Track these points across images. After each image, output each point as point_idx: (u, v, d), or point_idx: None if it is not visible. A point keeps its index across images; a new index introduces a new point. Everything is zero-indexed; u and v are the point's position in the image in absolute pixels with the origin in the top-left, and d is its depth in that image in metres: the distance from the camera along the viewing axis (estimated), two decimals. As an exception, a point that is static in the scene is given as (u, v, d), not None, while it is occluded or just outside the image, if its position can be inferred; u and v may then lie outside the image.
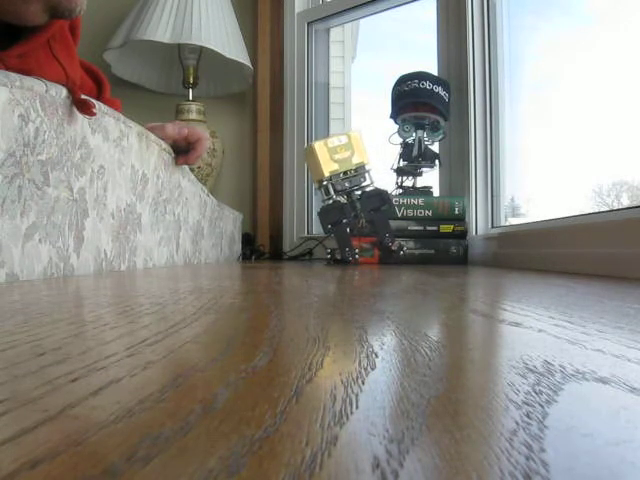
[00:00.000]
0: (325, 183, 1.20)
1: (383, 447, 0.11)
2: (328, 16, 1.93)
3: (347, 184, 1.21)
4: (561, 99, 1.41)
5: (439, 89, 1.41)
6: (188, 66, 1.90)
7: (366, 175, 1.22)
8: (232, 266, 1.26)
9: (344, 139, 1.21)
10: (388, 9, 1.82)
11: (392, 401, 0.15)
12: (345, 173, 1.20)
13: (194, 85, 1.91)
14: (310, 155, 1.22)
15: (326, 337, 0.25)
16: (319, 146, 1.20)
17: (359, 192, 1.23)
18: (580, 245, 0.91)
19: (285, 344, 0.23)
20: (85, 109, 0.70)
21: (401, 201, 1.41)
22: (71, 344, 0.23)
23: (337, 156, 1.20)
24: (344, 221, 1.21)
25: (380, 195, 1.23)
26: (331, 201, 1.22)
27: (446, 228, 1.40)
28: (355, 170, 1.21)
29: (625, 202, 1.27)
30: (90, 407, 0.14)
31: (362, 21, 2.05)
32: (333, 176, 1.20)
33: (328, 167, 1.20)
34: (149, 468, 0.10)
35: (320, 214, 1.24)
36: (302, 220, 1.93)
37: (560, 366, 0.19)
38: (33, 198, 0.62)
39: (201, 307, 0.36)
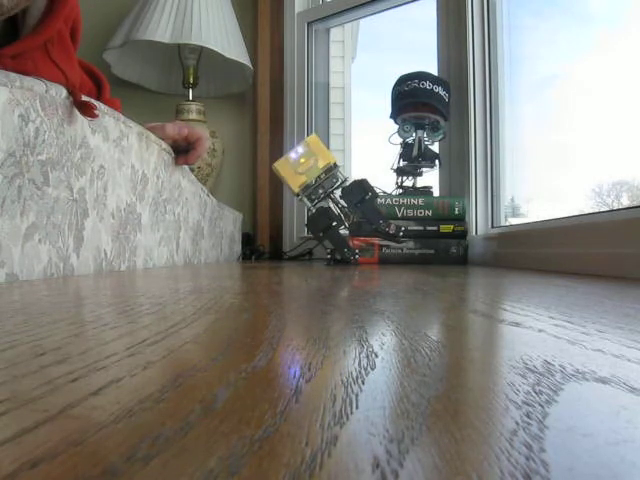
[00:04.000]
0: (300, 197, 1.20)
1: (383, 447, 0.11)
2: (328, 16, 1.93)
3: (321, 190, 1.20)
4: (561, 99, 1.41)
5: (439, 89, 1.41)
6: (188, 66, 1.90)
7: (337, 174, 1.21)
8: (232, 266, 1.26)
9: (302, 148, 1.20)
10: (388, 9, 1.82)
11: (392, 401, 0.15)
12: (317, 179, 1.19)
13: (194, 85, 1.91)
14: (278, 175, 1.22)
15: (326, 337, 0.25)
16: (280, 165, 1.20)
17: (339, 190, 1.22)
18: (580, 245, 0.91)
19: (285, 344, 0.23)
20: (87, 111, 0.70)
21: (401, 201, 1.41)
22: (71, 344, 0.23)
23: (301, 168, 1.19)
24: (334, 224, 1.21)
25: (360, 185, 1.21)
26: (314, 210, 1.22)
27: (446, 228, 1.40)
28: (325, 173, 1.20)
29: (625, 202, 1.27)
30: (90, 407, 0.14)
31: (362, 21, 2.05)
32: (305, 187, 1.19)
33: (296, 182, 1.19)
34: (149, 468, 0.10)
35: (308, 225, 1.24)
36: (302, 220, 1.93)
37: (560, 366, 0.19)
38: (33, 198, 0.62)
39: (201, 307, 0.36)
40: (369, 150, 2.23)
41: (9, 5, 0.70)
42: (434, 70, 1.56)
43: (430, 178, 1.54)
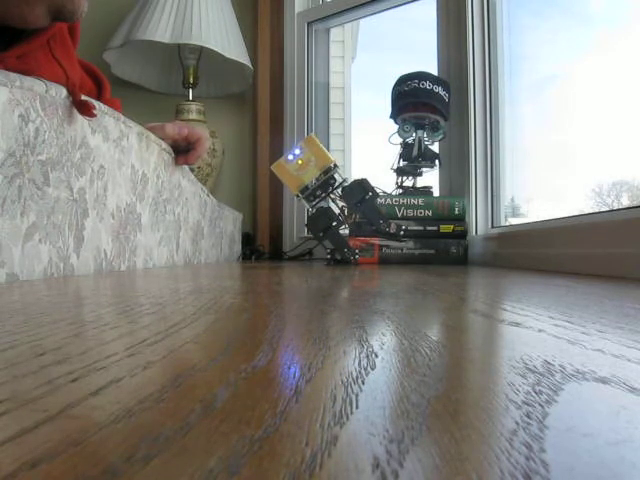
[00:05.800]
0: (299, 197, 1.20)
1: (383, 447, 0.11)
2: (328, 16, 1.93)
3: (319, 192, 1.19)
4: (561, 99, 1.41)
5: (439, 89, 1.41)
6: (188, 66, 1.90)
7: (335, 175, 1.20)
8: (232, 266, 1.26)
9: (299, 150, 1.18)
10: (388, 9, 1.82)
11: (392, 401, 0.15)
12: (316, 179, 1.18)
13: (194, 85, 1.91)
14: (278, 176, 1.21)
15: (326, 337, 0.25)
16: (276, 168, 1.19)
17: (339, 189, 1.21)
18: (580, 245, 0.91)
19: (285, 344, 0.23)
20: (85, 110, 0.70)
21: (401, 201, 1.41)
22: (71, 344, 0.23)
23: (299, 170, 1.18)
24: (334, 224, 1.21)
25: (360, 185, 1.20)
26: (314, 210, 1.22)
27: (446, 228, 1.40)
28: (324, 174, 1.18)
29: (625, 202, 1.27)
30: (90, 407, 0.14)
31: (362, 21, 2.05)
32: (304, 188, 1.19)
33: (295, 184, 1.18)
34: (149, 468, 0.10)
35: (308, 225, 1.24)
36: (302, 220, 1.93)
37: (560, 366, 0.19)
38: (33, 198, 0.62)
39: (201, 307, 0.36)
40: (369, 150, 2.23)
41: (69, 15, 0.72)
42: (434, 70, 1.56)
43: (430, 178, 1.54)
